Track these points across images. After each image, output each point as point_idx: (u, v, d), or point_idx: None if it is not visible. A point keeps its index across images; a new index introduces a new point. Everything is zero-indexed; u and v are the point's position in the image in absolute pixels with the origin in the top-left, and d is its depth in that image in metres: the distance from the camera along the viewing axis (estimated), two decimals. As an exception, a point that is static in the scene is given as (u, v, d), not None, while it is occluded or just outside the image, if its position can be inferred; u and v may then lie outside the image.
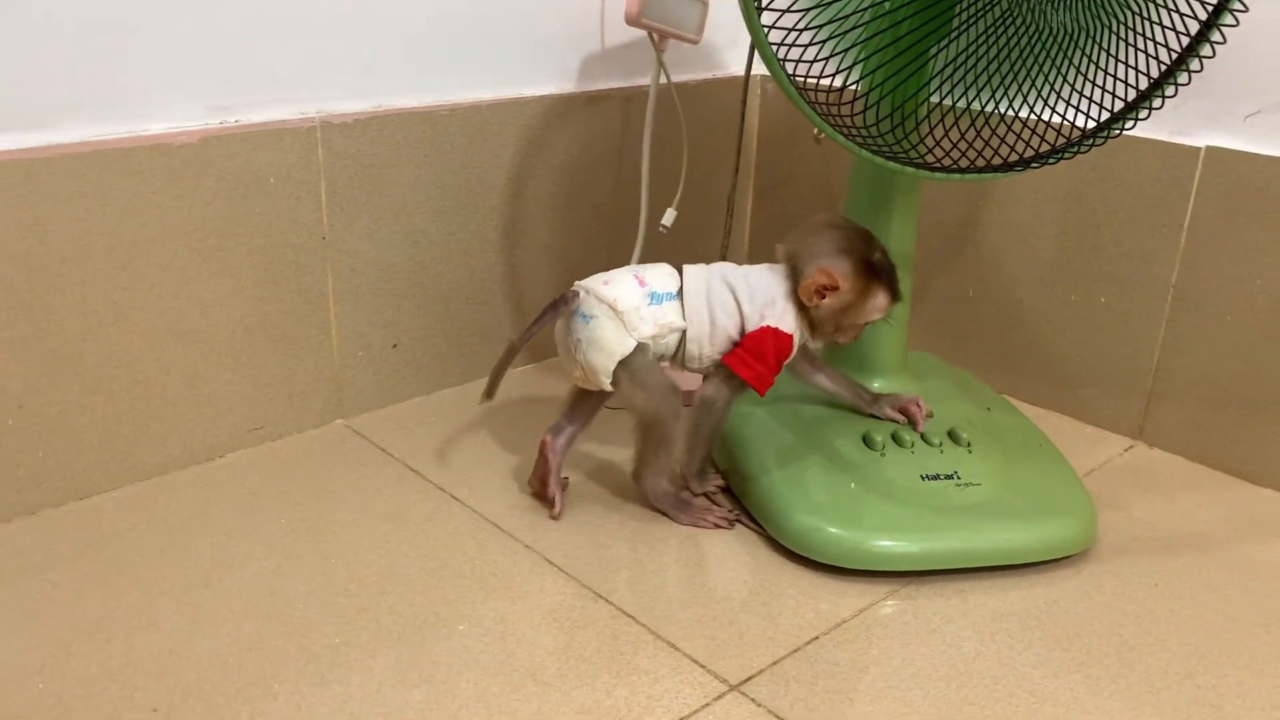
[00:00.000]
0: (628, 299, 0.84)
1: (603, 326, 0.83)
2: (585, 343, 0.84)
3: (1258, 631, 0.77)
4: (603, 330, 0.83)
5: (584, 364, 0.84)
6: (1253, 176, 0.92)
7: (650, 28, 1.02)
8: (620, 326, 0.83)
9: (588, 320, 0.84)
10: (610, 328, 0.83)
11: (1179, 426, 1.01)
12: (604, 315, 0.83)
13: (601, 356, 0.83)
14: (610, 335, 0.83)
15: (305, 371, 0.99)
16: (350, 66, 0.96)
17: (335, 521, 0.87)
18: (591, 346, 0.84)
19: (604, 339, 0.83)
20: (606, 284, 0.85)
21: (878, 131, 0.81)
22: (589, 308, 0.84)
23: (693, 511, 0.88)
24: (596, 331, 0.83)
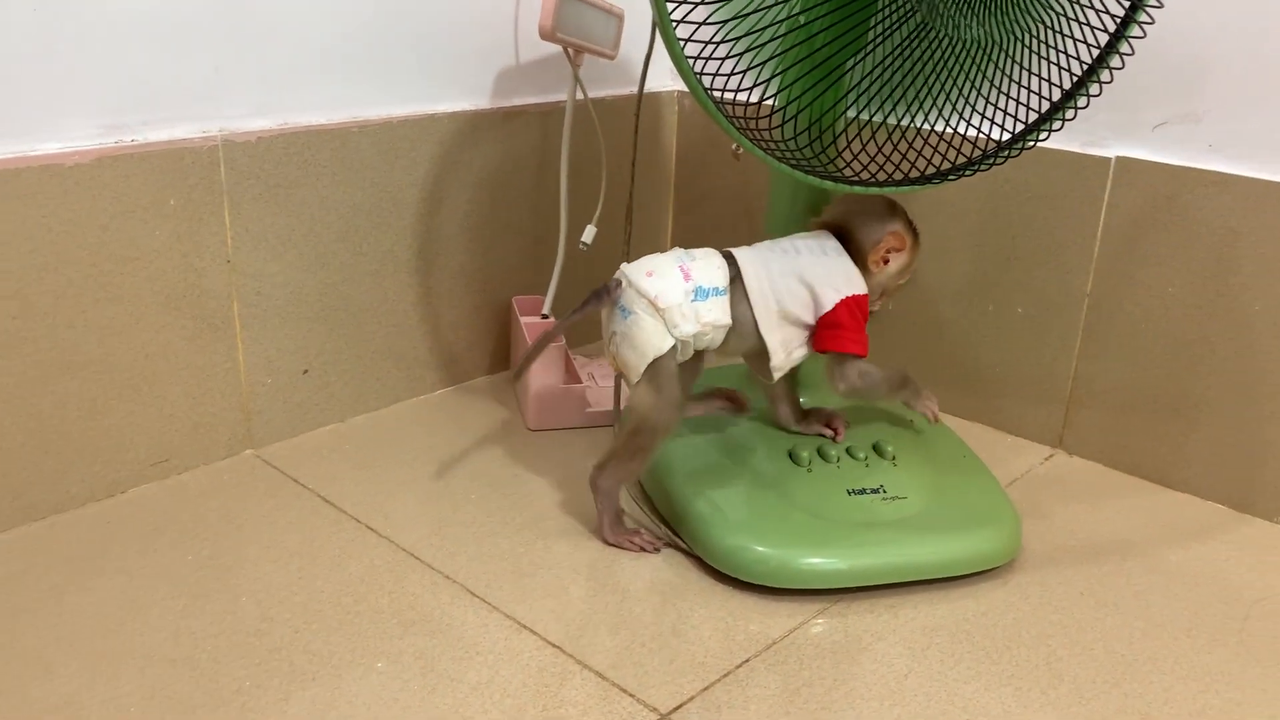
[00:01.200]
0: (670, 295, 0.80)
1: (641, 324, 0.80)
2: (620, 338, 0.81)
3: (1181, 636, 0.78)
4: (640, 328, 0.80)
5: (617, 358, 0.82)
6: (1162, 186, 0.94)
7: (565, 43, 1.00)
8: (660, 325, 0.80)
9: (626, 315, 0.81)
10: (648, 325, 0.80)
11: (1098, 434, 1.02)
12: (644, 311, 0.80)
13: (635, 355, 0.80)
14: (647, 333, 0.80)
15: (211, 401, 0.95)
16: (254, 83, 0.93)
17: (245, 557, 0.83)
18: (625, 343, 0.81)
19: (639, 337, 0.80)
20: (650, 275, 0.81)
21: (795, 145, 0.80)
22: (629, 302, 0.81)
23: (621, 532, 0.86)
24: (634, 329, 0.80)
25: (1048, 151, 0.98)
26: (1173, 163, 0.93)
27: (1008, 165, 0.97)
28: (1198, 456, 0.96)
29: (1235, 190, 0.90)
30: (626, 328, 0.81)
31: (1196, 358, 0.95)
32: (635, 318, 0.80)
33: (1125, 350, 0.99)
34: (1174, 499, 0.97)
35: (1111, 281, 0.98)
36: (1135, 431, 1.00)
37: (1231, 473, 0.95)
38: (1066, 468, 1.02)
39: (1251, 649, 0.76)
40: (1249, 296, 0.91)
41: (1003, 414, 1.08)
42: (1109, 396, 1.01)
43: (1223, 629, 0.79)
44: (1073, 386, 1.03)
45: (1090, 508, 0.95)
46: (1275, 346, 0.90)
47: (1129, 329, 0.98)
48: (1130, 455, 1.01)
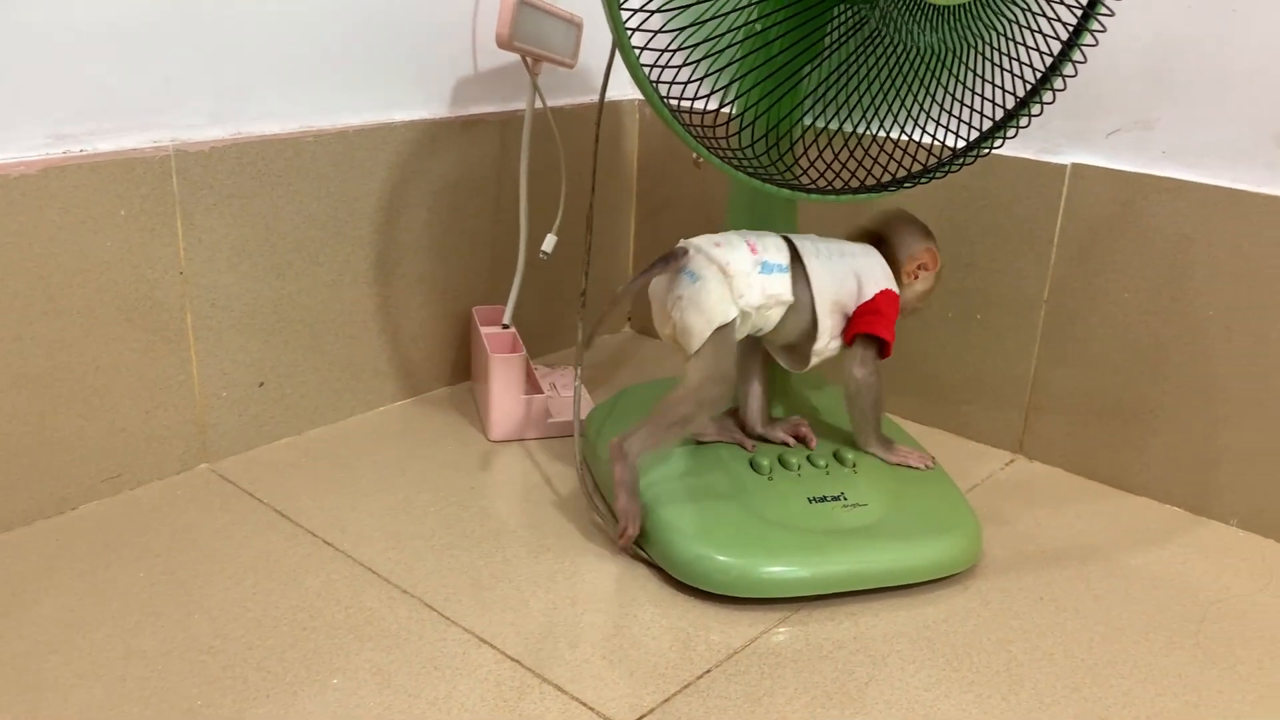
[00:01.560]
0: (740, 263, 0.80)
1: (709, 289, 0.79)
2: (686, 301, 0.80)
3: (1139, 640, 0.78)
4: (708, 292, 0.79)
5: (678, 323, 0.80)
6: (1116, 192, 0.94)
7: (523, 51, 1.00)
8: (727, 292, 0.79)
9: (694, 279, 0.80)
10: (717, 291, 0.79)
11: (1057, 439, 1.03)
12: (712, 277, 0.79)
13: (700, 319, 0.79)
14: (715, 298, 0.79)
15: (165, 414, 0.94)
16: (207, 92, 0.92)
17: (198, 573, 0.82)
18: (691, 306, 0.80)
19: (707, 301, 0.79)
20: (718, 245, 0.81)
21: (753, 153, 0.80)
22: (698, 266, 0.80)
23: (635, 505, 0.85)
24: (701, 293, 0.79)
25: (1004, 159, 0.99)
26: (1127, 169, 0.94)
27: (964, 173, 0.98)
28: (1155, 461, 0.97)
29: (1188, 197, 0.91)
30: (694, 292, 0.80)
31: (1152, 363, 0.95)
32: (703, 282, 0.80)
33: (1083, 356, 0.99)
34: (1132, 503, 0.98)
35: (1068, 288, 0.99)
36: (1094, 436, 1.00)
37: (1188, 476, 0.96)
38: (1027, 473, 1.03)
39: (1208, 651, 0.77)
40: (1202, 302, 0.92)
41: (963, 420, 1.08)
42: (1067, 402, 1.01)
43: (1180, 631, 0.79)
44: (1031, 392, 1.03)
45: (1050, 512, 0.95)
46: (1229, 351, 0.91)
47: (1086, 335, 0.99)
48: (1089, 460, 1.01)
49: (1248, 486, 0.92)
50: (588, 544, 0.87)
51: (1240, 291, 0.90)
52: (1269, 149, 0.87)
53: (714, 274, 0.80)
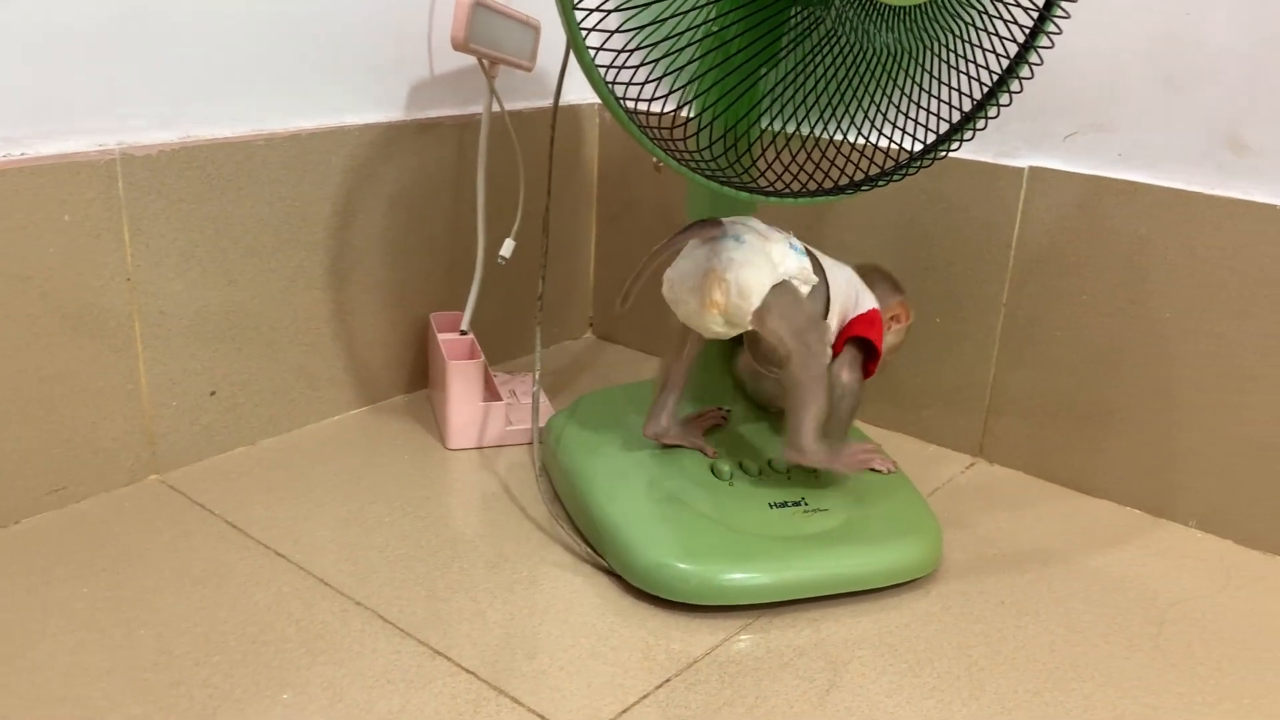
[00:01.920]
0: (774, 234, 0.80)
1: (756, 247, 0.78)
2: (740, 261, 0.77)
3: (1100, 643, 0.78)
4: (756, 250, 0.78)
5: (735, 283, 0.77)
6: (1073, 195, 0.95)
7: (479, 53, 0.99)
8: (769, 257, 0.78)
9: (740, 240, 0.78)
10: (763, 250, 0.78)
11: (1017, 442, 1.03)
12: (755, 240, 0.78)
13: (757, 274, 0.77)
14: (764, 256, 0.78)
15: (112, 425, 0.91)
16: (154, 95, 0.90)
17: (144, 588, 0.79)
18: (747, 264, 0.77)
19: (757, 259, 0.78)
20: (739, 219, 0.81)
21: (710, 155, 0.79)
22: (738, 231, 0.79)
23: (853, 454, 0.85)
24: (751, 252, 0.78)
25: (961, 162, 0.99)
26: (1084, 172, 0.94)
27: (922, 176, 0.98)
28: (1114, 463, 0.97)
29: (1144, 198, 0.91)
30: (744, 252, 0.78)
31: (1111, 365, 0.96)
32: (748, 243, 0.78)
33: (1042, 358, 0.99)
34: (1092, 505, 0.98)
35: (1027, 290, 0.99)
36: (1053, 439, 1.00)
37: (1147, 478, 0.96)
38: (987, 476, 1.03)
39: (1167, 653, 0.77)
40: (1159, 303, 0.92)
41: (923, 424, 1.08)
42: (1027, 404, 1.01)
43: (1140, 634, 0.79)
44: (991, 395, 1.03)
45: (1010, 516, 0.95)
46: (1186, 352, 0.91)
47: (1045, 337, 0.99)
48: (1049, 462, 1.01)
49: (1206, 488, 0.93)
50: (546, 553, 0.86)
51: (1196, 293, 0.90)
52: (1221, 151, 0.88)
53: (756, 238, 0.79)
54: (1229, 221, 0.87)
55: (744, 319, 0.79)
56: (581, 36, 0.70)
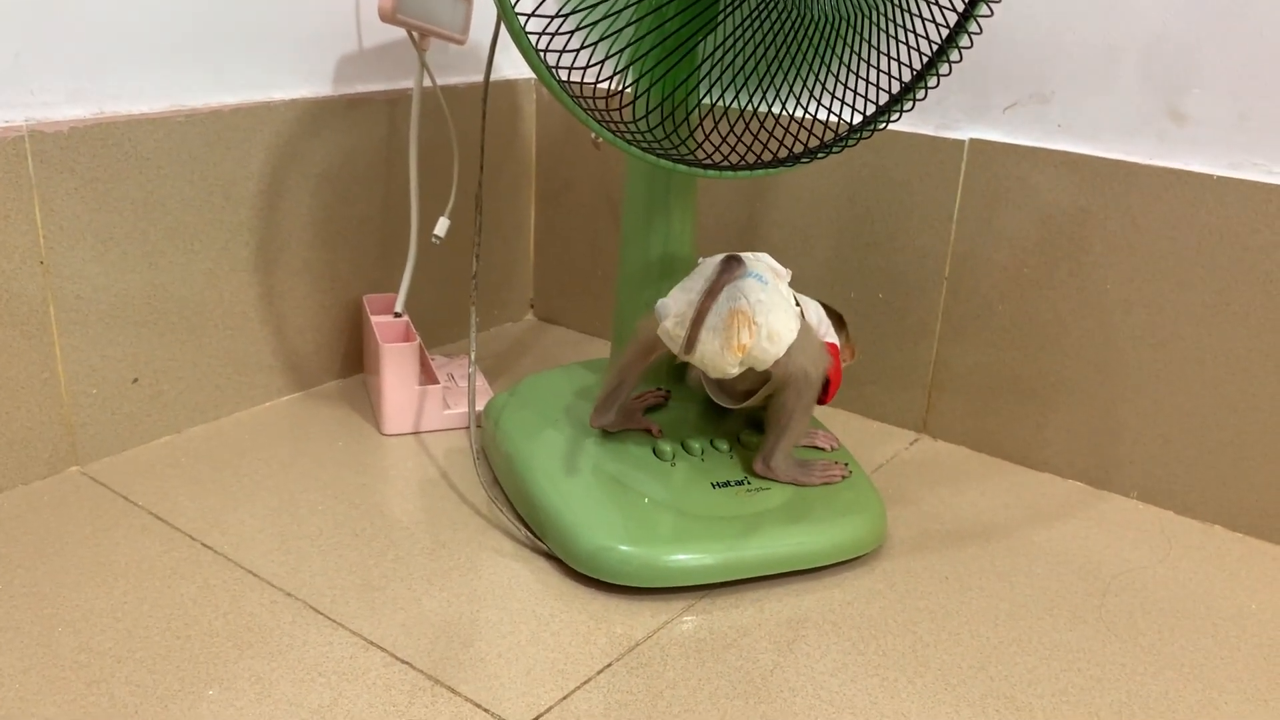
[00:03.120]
0: (781, 269, 0.78)
1: (780, 289, 0.76)
2: (767, 305, 0.75)
3: (1043, 616, 0.77)
4: (780, 293, 0.76)
5: (768, 328, 0.75)
6: (1013, 167, 0.94)
7: (409, 25, 0.96)
8: (787, 298, 0.77)
9: (765, 281, 0.76)
10: (780, 290, 0.76)
11: (960, 417, 1.02)
12: (774, 279, 0.77)
13: (786, 318, 0.76)
14: (786, 300, 0.76)
15: (28, 415, 0.87)
16: (64, 68, 0.85)
17: (64, 583, 0.76)
18: (775, 310, 0.75)
19: (783, 303, 0.76)
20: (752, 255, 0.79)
21: (647, 126, 0.77)
22: (760, 270, 0.76)
23: (816, 471, 0.85)
24: (774, 295, 0.76)
25: (902, 135, 0.98)
26: (1024, 144, 0.93)
27: (864, 150, 0.97)
28: (1057, 436, 0.97)
29: (1084, 169, 0.91)
30: (769, 294, 0.76)
31: (1052, 337, 0.95)
32: (773, 284, 0.77)
33: (984, 333, 0.99)
34: (1035, 479, 0.98)
35: (968, 264, 0.98)
36: (996, 413, 1.00)
37: (1089, 450, 0.96)
38: (931, 452, 1.02)
39: (1110, 625, 0.77)
40: (1100, 274, 0.92)
41: (867, 400, 1.07)
42: (970, 379, 1.01)
43: (1083, 606, 0.79)
44: (934, 371, 1.03)
45: (954, 491, 0.95)
46: (1127, 324, 0.91)
47: (986, 311, 0.98)
48: (992, 437, 1.01)
49: (1147, 459, 0.93)
50: (485, 539, 0.84)
51: (1136, 263, 0.90)
52: (1160, 121, 0.88)
53: (773, 277, 0.78)
54: (1168, 192, 0.87)
55: (767, 362, 0.76)
56: (510, 4, 0.68)
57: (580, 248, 1.27)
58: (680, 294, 0.78)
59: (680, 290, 0.79)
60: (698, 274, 0.79)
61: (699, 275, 0.78)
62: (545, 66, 0.71)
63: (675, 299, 0.78)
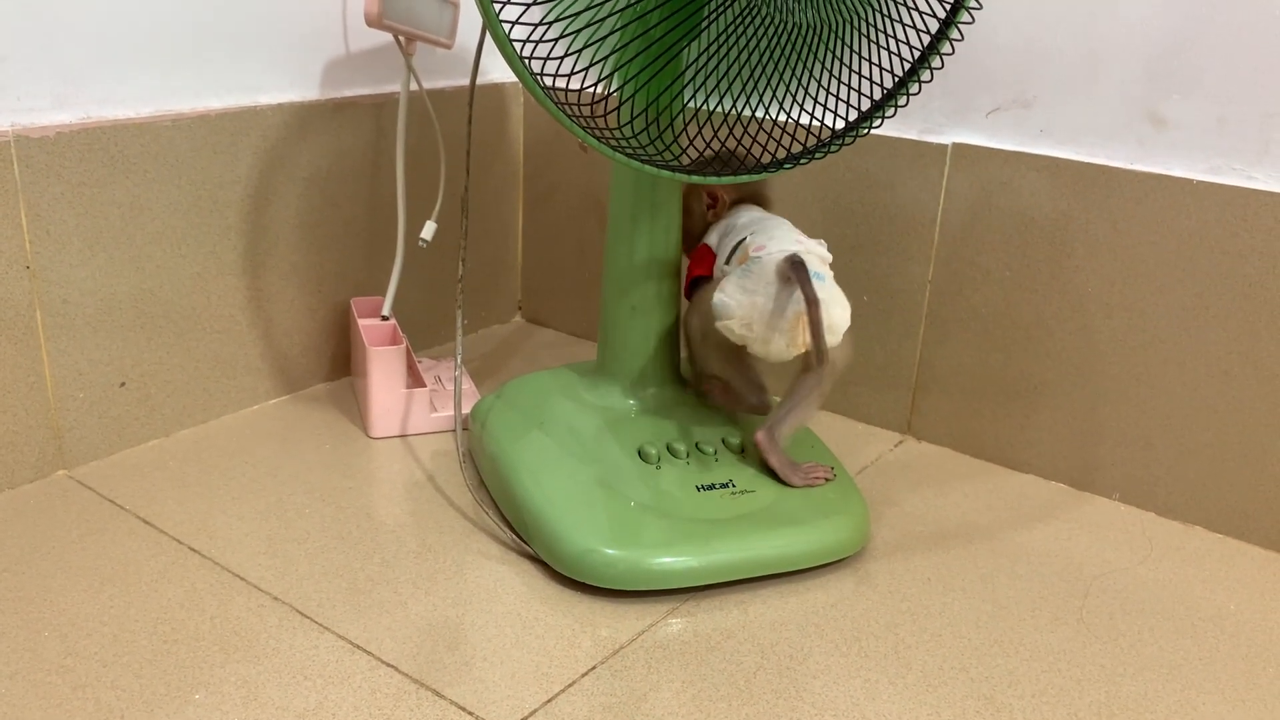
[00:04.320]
0: (827, 254, 0.83)
1: (832, 281, 0.81)
2: (830, 301, 0.79)
3: (1025, 617, 0.78)
4: (836, 288, 0.81)
5: (833, 323, 0.79)
6: (996, 171, 0.95)
7: (395, 29, 0.96)
8: (839, 289, 0.82)
9: (823, 278, 0.80)
10: (835, 284, 0.81)
11: (944, 419, 1.03)
12: (828, 272, 0.81)
13: (843, 311, 0.81)
14: (840, 293, 0.81)
15: (14, 419, 0.87)
16: (51, 73, 0.86)
17: (50, 588, 0.76)
18: (837, 303, 0.80)
19: (839, 296, 0.81)
20: (800, 241, 0.82)
21: (631, 133, 0.78)
22: (817, 266, 0.80)
23: (799, 472, 0.86)
24: (833, 290, 0.80)
25: (886, 139, 0.99)
26: (1006, 148, 0.94)
27: (848, 154, 0.97)
28: (1039, 438, 0.98)
29: (1065, 174, 0.91)
30: (829, 289, 0.80)
31: (1035, 340, 0.96)
32: (829, 279, 0.81)
33: (967, 335, 1.00)
34: (1018, 480, 0.98)
35: (952, 267, 0.99)
36: (980, 415, 1.01)
37: (1072, 452, 0.97)
38: (915, 453, 1.03)
39: (1091, 626, 0.77)
40: (1082, 278, 0.92)
41: (852, 402, 1.08)
42: (953, 381, 1.01)
43: (1064, 607, 0.79)
44: (919, 372, 1.03)
45: (938, 493, 0.95)
46: (1109, 327, 0.92)
47: (970, 314, 0.99)
48: (975, 439, 1.02)
49: (1129, 460, 0.94)
50: (471, 542, 0.84)
51: (1117, 267, 0.91)
52: (1140, 126, 0.88)
53: (827, 269, 0.81)
54: (1149, 196, 0.88)
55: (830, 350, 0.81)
56: (495, 10, 0.68)
57: (567, 250, 1.28)
58: (742, 296, 0.80)
59: (741, 292, 0.80)
60: (758, 275, 0.80)
61: (760, 277, 0.80)
62: (530, 73, 0.71)
63: (738, 301, 0.80)
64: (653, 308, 0.90)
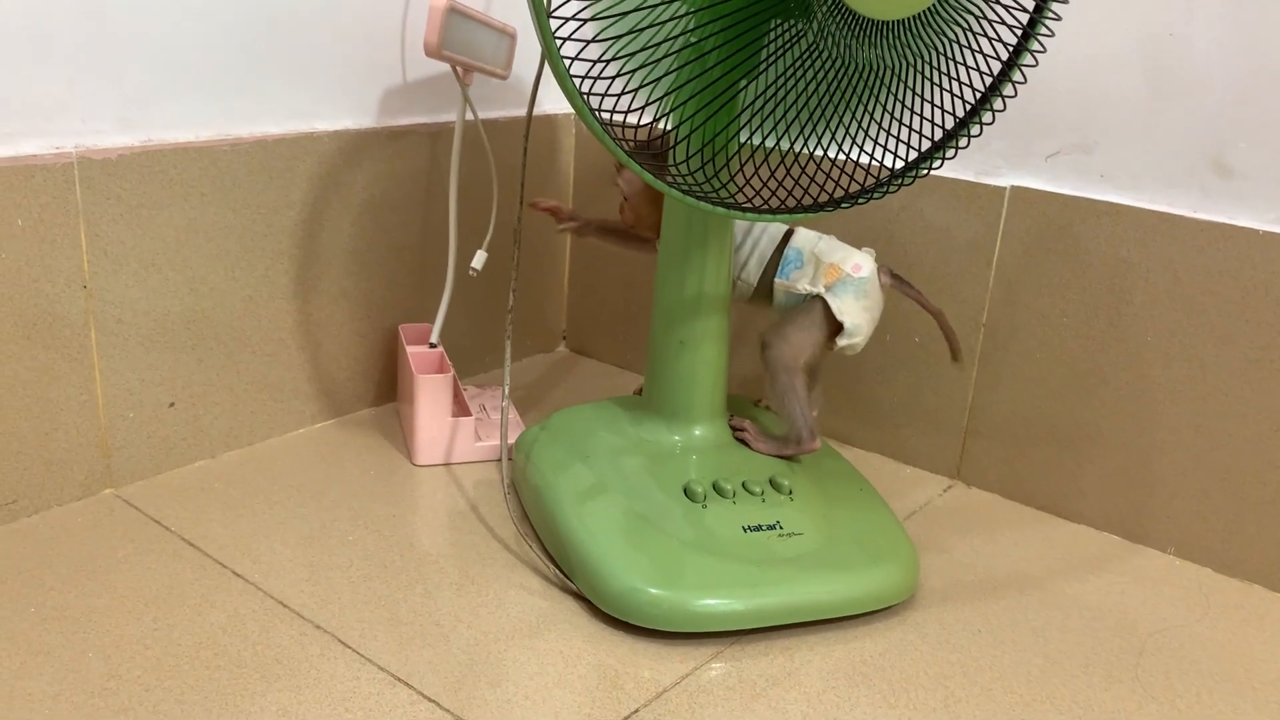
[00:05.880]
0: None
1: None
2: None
3: (1077, 673, 0.76)
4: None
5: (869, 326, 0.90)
6: (1055, 215, 0.93)
7: (452, 61, 0.96)
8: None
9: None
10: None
11: (995, 464, 1.01)
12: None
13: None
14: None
15: (65, 436, 0.88)
16: (115, 97, 0.87)
17: (95, 608, 0.76)
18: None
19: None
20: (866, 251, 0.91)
21: (687, 170, 0.77)
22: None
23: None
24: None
25: (943, 180, 0.98)
26: (1065, 192, 0.93)
27: (903, 194, 0.97)
28: (1092, 487, 0.96)
29: (1126, 220, 0.90)
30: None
31: (1090, 388, 0.94)
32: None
33: (1020, 380, 0.98)
34: (1070, 530, 0.96)
35: (1007, 311, 0.97)
36: (1031, 462, 0.99)
37: (1125, 503, 0.94)
38: (964, 499, 1.01)
39: (1147, 686, 0.75)
40: (1141, 327, 0.91)
41: (901, 444, 1.07)
42: (1005, 427, 1.00)
43: (1119, 664, 0.77)
44: (970, 417, 1.02)
45: (987, 540, 0.94)
46: (1166, 377, 0.90)
47: (1024, 358, 0.97)
48: (1026, 486, 1.00)
49: (1184, 514, 0.92)
50: (514, 575, 0.84)
51: (1177, 316, 0.89)
52: (1204, 173, 0.87)
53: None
54: (1212, 245, 0.86)
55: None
56: (556, 46, 0.68)
57: (614, 281, 1.27)
58: (866, 315, 0.89)
59: (864, 312, 0.89)
60: (873, 294, 0.89)
61: (873, 295, 0.89)
62: (589, 108, 0.71)
63: (865, 320, 0.89)
64: (701, 343, 0.89)
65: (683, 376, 0.91)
